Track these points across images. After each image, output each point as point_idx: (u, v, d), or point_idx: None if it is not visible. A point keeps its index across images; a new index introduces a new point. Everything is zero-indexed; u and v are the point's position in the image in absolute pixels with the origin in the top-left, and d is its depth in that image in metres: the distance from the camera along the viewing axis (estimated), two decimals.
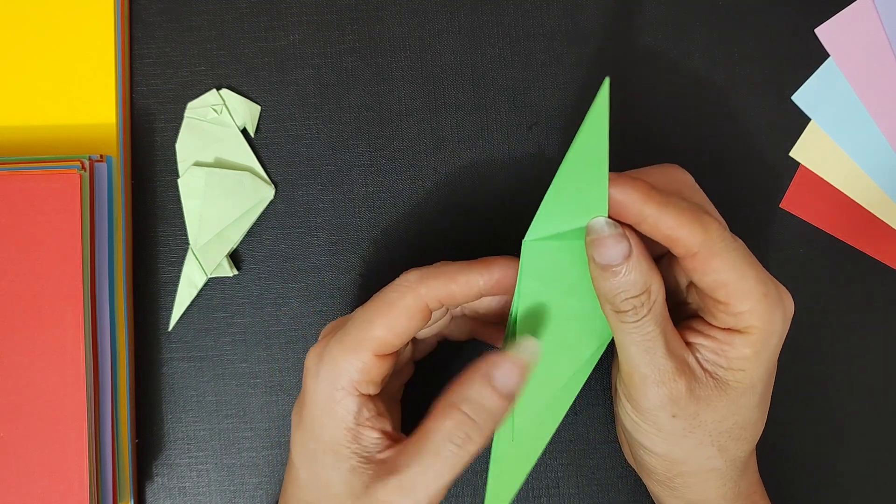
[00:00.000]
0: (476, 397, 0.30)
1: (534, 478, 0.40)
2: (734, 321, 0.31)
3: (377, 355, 0.31)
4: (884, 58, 0.41)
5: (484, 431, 0.30)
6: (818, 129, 0.41)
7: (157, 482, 0.40)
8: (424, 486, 0.30)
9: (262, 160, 0.41)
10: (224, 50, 0.41)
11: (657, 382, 0.31)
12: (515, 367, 0.30)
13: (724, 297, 0.30)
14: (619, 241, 0.30)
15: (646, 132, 0.41)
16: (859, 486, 0.40)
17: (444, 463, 0.29)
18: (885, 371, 0.40)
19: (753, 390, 0.32)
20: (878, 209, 0.41)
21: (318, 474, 0.32)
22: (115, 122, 0.40)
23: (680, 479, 0.33)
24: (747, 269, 0.30)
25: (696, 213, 0.30)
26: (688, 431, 0.31)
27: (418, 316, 0.31)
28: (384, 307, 0.31)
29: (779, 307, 0.31)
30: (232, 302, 0.41)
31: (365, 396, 0.31)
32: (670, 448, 0.32)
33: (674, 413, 0.31)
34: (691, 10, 0.41)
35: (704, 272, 0.30)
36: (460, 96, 0.41)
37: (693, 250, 0.30)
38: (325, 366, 0.31)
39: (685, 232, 0.30)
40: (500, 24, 0.41)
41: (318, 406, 0.31)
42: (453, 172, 0.41)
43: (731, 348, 0.31)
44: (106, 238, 0.38)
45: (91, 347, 0.37)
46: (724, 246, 0.30)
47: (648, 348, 0.30)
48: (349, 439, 0.31)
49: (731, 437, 0.32)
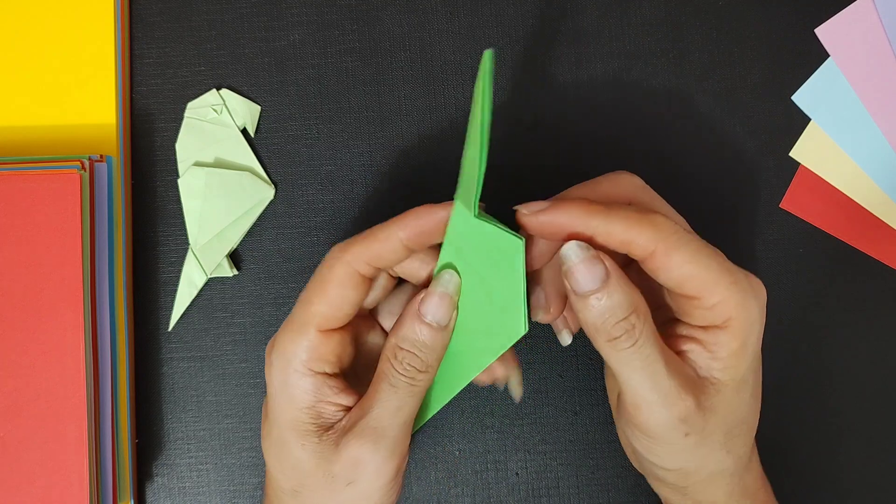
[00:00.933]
0: (411, 334, 0.31)
1: (534, 478, 0.40)
2: (711, 316, 0.30)
3: (321, 331, 0.32)
4: (884, 58, 0.41)
5: (428, 361, 0.31)
6: (818, 129, 0.41)
7: (157, 482, 0.40)
8: (388, 420, 0.31)
9: (262, 160, 0.41)
10: (224, 50, 0.41)
11: (665, 406, 0.30)
12: (439, 298, 0.31)
13: (693, 290, 0.30)
14: (595, 264, 0.30)
15: (645, 132, 0.41)
16: (859, 486, 0.40)
17: (400, 394, 0.31)
18: (885, 371, 0.40)
19: (746, 384, 0.31)
20: (878, 209, 0.41)
21: (288, 459, 0.32)
22: (115, 122, 0.40)
23: (693, 487, 0.33)
24: (709, 259, 0.30)
25: (643, 213, 0.30)
26: (700, 444, 0.31)
27: (350, 283, 0.32)
28: (317, 284, 0.32)
29: (750, 294, 0.31)
30: (232, 302, 0.41)
31: (322, 375, 0.32)
32: (685, 462, 0.32)
33: (686, 432, 0.31)
34: (691, 10, 0.41)
35: (668, 268, 0.30)
36: (460, 96, 0.41)
37: (650, 248, 0.30)
38: (276, 353, 0.32)
39: (635, 233, 0.30)
40: (500, 24, 0.41)
41: (275, 392, 0.32)
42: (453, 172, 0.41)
43: (719, 346, 0.31)
44: (106, 238, 0.38)
45: (91, 347, 0.37)
46: (678, 239, 0.30)
47: (651, 373, 0.30)
48: (311, 416, 0.32)
49: (735, 435, 0.32)
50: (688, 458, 0.32)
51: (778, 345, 0.40)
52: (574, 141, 0.41)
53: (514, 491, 0.40)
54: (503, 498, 0.40)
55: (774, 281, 0.41)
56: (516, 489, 0.40)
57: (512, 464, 0.40)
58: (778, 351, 0.40)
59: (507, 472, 0.40)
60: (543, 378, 0.40)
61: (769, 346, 0.40)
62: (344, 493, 0.32)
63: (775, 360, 0.40)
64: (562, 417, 0.40)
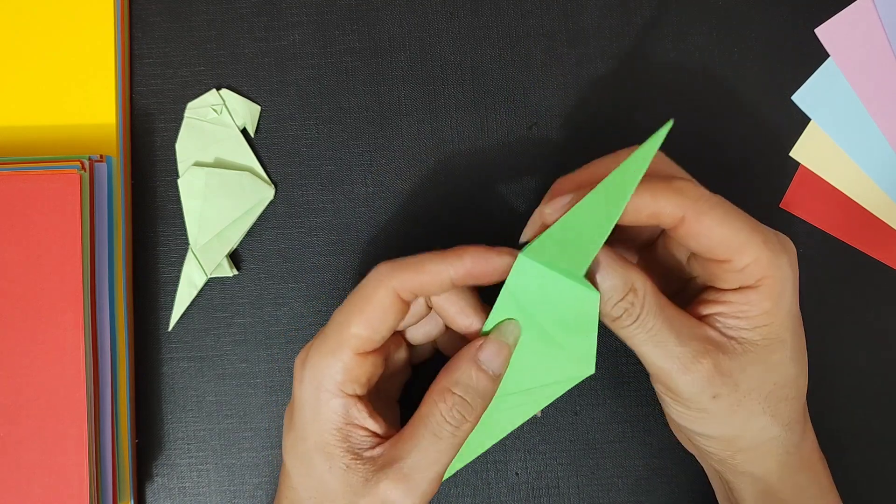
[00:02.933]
0: (465, 379, 0.31)
1: (534, 478, 0.40)
2: (743, 277, 0.30)
3: (358, 354, 0.31)
4: (884, 58, 0.41)
5: (476, 411, 0.31)
6: (818, 129, 0.41)
7: (157, 482, 0.40)
8: (424, 470, 0.30)
9: (262, 160, 0.41)
10: (224, 50, 0.41)
11: (682, 371, 0.30)
12: (499, 348, 0.31)
13: (725, 253, 0.30)
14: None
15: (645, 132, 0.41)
16: (860, 486, 0.40)
17: (442, 445, 0.31)
18: (886, 371, 0.40)
19: (783, 344, 0.31)
20: (878, 209, 0.41)
21: (312, 476, 0.32)
22: (115, 122, 0.40)
23: (741, 455, 0.32)
24: (738, 221, 0.30)
25: (668, 182, 0.30)
26: (735, 407, 0.31)
27: (392, 309, 0.31)
28: (358, 304, 0.31)
29: (782, 252, 0.31)
30: (232, 302, 0.41)
31: (353, 397, 0.31)
32: (723, 428, 0.32)
33: (714, 394, 0.31)
34: (691, 10, 0.41)
35: (698, 235, 0.30)
36: (460, 96, 0.41)
37: (678, 215, 0.30)
38: (309, 370, 0.32)
39: (663, 202, 0.30)
40: (499, 24, 0.41)
41: (305, 409, 0.32)
42: (453, 172, 0.41)
43: (751, 307, 0.31)
44: (106, 238, 0.38)
45: (91, 347, 0.37)
46: (706, 202, 0.30)
47: (658, 342, 0.31)
48: (339, 439, 0.31)
49: (777, 398, 0.32)
50: (726, 423, 0.32)
51: None
52: (574, 141, 0.41)
53: (514, 491, 0.40)
54: (503, 498, 0.40)
55: None
56: (516, 489, 0.40)
57: (512, 464, 0.40)
58: None
59: (507, 472, 0.40)
60: None
61: None
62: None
63: None
64: (562, 417, 0.40)
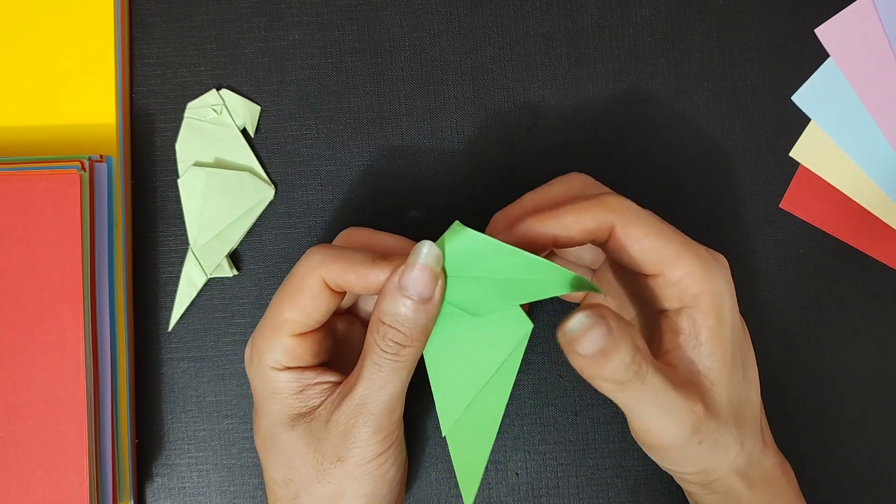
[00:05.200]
0: (392, 308, 0.30)
1: (534, 478, 0.40)
2: (679, 293, 0.30)
3: (294, 336, 0.32)
4: (884, 58, 0.41)
5: (411, 336, 0.31)
6: (818, 129, 0.41)
7: (157, 482, 0.40)
8: (375, 397, 0.31)
9: (262, 160, 0.41)
10: (224, 50, 0.41)
11: (677, 423, 0.30)
12: (419, 270, 0.30)
13: (655, 266, 0.30)
14: (598, 326, 0.29)
15: (645, 132, 0.41)
16: (860, 486, 0.40)
17: (384, 372, 0.31)
18: (886, 371, 0.40)
19: (735, 362, 0.31)
20: (878, 209, 0.41)
21: (278, 447, 0.32)
22: (115, 122, 0.40)
23: (717, 483, 0.33)
24: (668, 233, 0.30)
25: (593, 199, 0.31)
26: (714, 445, 0.31)
27: (323, 296, 0.32)
28: (290, 290, 0.32)
29: (714, 265, 0.31)
30: (232, 302, 0.41)
31: (301, 368, 0.32)
32: (703, 465, 0.32)
33: (700, 440, 0.31)
34: (691, 10, 0.41)
35: (627, 245, 0.30)
36: (460, 96, 0.41)
37: (607, 228, 0.30)
38: (255, 354, 0.33)
39: (588, 216, 0.30)
40: (499, 24, 0.41)
41: (259, 389, 0.33)
42: (453, 173, 0.41)
43: (698, 328, 0.30)
44: (106, 238, 0.38)
45: (91, 347, 0.37)
46: (632, 213, 0.30)
47: (661, 399, 0.30)
48: (300, 401, 0.32)
49: (743, 425, 0.32)
50: (705, 461, 0.32)
51: (778, 345, 0.40)
52: (574, 141, 0.41)
53: (514, 491, 0.40)
54: (503, 498, 0.40)
55: (774, 281, 0.41)
56: (516, 489, 0.40)
57: (512, 464, 0.40)
58: (778, 351, 0.40)
59: (507, 472, 0.40)
60: (543, 378, 0.40)
61: (769, 345, 0.40)
62: (333, 471, 0.32)
63: (775, 360, 0.40)
64: (562, 417, 0.40)
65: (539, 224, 0.31)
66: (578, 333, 0.29)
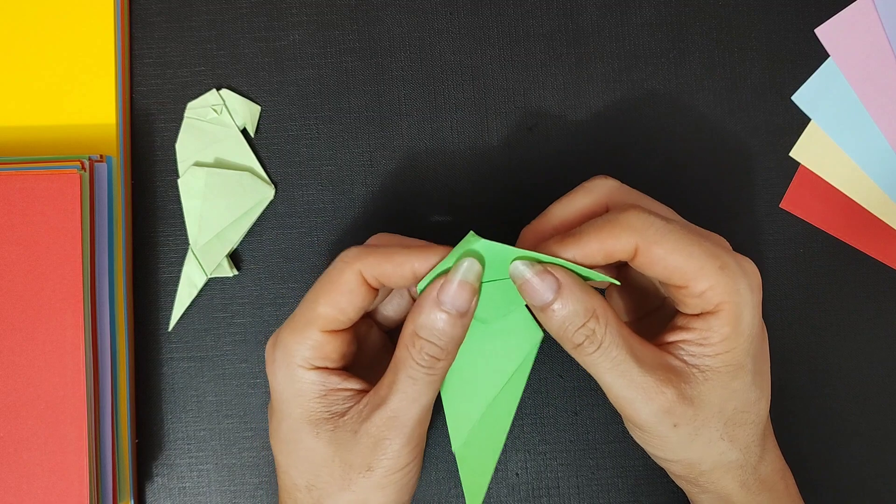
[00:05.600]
0: (429, 322, 0.31)
1: (534, 478, 0.40)
2: (702, 303, 0.31)
3: (325, 332, 0.32)
4: (884, 58, 0.41)
5: (446, 350, 0.31)
6: (818, 129, 0.41)
7: (157, 482, 0.40)
8: (407, 410, 0.31)
9: (262, 160, 0.41)
10: (224, 50, 0.41)
11: (645, 401, 0.31)
12: (459, 286, 0.31)
13: (681, 280, 0.31)
14: (544, 277, 0.30)
15: (645, 132, 0.41)
16: (859, 485, 0.40)
17: (419, 385, 0.31)
18: (886, 371, 0.40)
19: (743, 369, 0.31)
20: (878, 209, 0.41)
21: (300, 452, 0.32)
22: (115, 122, 0.40)
23: (703, 478, 0.33)
24: (692, 247, 0.30)
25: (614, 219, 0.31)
26: (694, 434, 0.31)
27: (359, 291, 0.32)
28: (326, 285, 0.32)
29: (741, 277, 0.31)
30: (232, 302, 0.41)
31: (326, 369, 0.32)
32: (684, 454, 0.32)
33: (674, 423, 0.31)
34: (691, 10, 0.41)
35: (652, 263, 0.31)
36: (460, 96, 0.41)
37: (631, 249, 0.30)
38: (280, 349, 0.32)
39: (612, 242, 0.30)
40: (500, 24, 0.41)
41: (282, 388, 0.32)
42: (453, 173, 0.41)
43: (712, 332, 0.31)
44: (106, 238, 0.38)
45: (91, 347, 0.37)
46: (656, 232, 0.30)
47: (622, 372, 0.31)
48: (322, 406, 0.32)
49: (736, 424, 0.32)
50: (686, 449, 0.32)
51: (778, 345, 0.40)
52: (574, 141, 0.41)
53: (514, 491, 0.40)
54: (503, 498, 0.40)
55: (774, 281, 0.41)
56: (516, 489, 0.40)
57: (512, 464, 0.40)
58: (778, 351, 0.40)
59: (507, 472, 0.40)
60: (543, 378, 0.40)
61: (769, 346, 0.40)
62: (360, 482, 0.32)
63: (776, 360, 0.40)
64: (562, 417, 0.40)
65: (563, 250, 0.31)
66: (525, 278, 0.30)
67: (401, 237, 0.35)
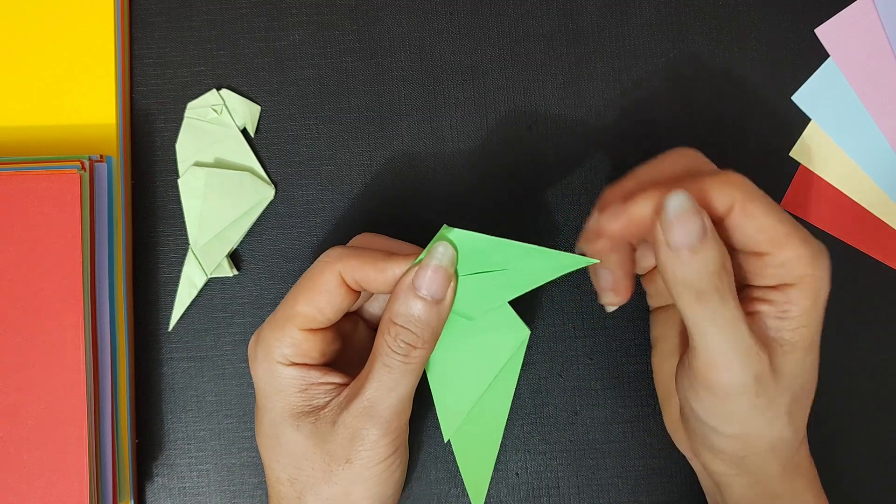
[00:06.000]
0: (404, 309, 0.31)
1: (534, 478, 0.40)
2: (784, 273, 0.30)
3: (304, 330, 0.32)
4: (884, 58, 0.41)
5: (423, 337, 0.31)
6: (818, 129, 0.41)
7: (157, 482, 0.40)
8: (384, 399, 0.31)
9: (262, 160, 0.41)
10: (224, 50, 0.41)
11: (744, 364, 0.30)
12: (433, 271, 0.30)
13: (768, 244, 0.30)
14: (694, 218, 0.29)
15: (645, 132, 0.41)
16: (859, 485, 0.40)
17: (395, 374, 0.31)
18: (885, 371, 0.40)
19: (815, 346, 0.31)
20: (878, 209, 0.41)
21: (282, 446, 0.32)
22: (115, 122, 0.40)
23: (752, 457, 0.32)
24: (784, 215, 0.30)
25: (716, 175, 0.30)
26: (766, 407, 0.31)
27: (337, 292, 0.32)
28: (306, 284, 0.32)
29: (822, 253, 0.31)
30: (232, 302, 0.41)
31: (307, 365, 0.32)
32: (747, 427, 0.31)
33: (757, 392, 0.30)
34: (691, 10, 0.41)
35: (744, 224, 0.30)
36: (460, 96, 0.41)
37: (727, 203, 0.30)
38: (261, 347, 0.32)
39: (715, 192, 0.30)
40: (499, 24, 0.41)
41: (264, 384, 0.33)
42: (452, 172, 0.41)
43: (792, 305, 0.30)
44: (106, 238, 0.38)
45: (91, 347, 0.37)
46: (753, 190, 0.30)
47: (734, 330, 0.29)
48: (303, 399, 0.32)
49: (798, 401, 0.31)
50: (752, 422, 0.31)
51: None
52: (573, 140, 0.41)
53: (514, 491, 0.40)
54: (503, 498, 0.40)
55: None
56: (516, 489, 0.40)
57: (512, 464, 0.40)
58: None
59: (507, 472, 0.40)
60: (543, 378, 0.40)
61: None
62: (341, 473, 0.32)
63: None
64: (562, 417, 0.40)
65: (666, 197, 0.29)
66: (674, 215, 0.29)
67: (385, 239, 0.34)
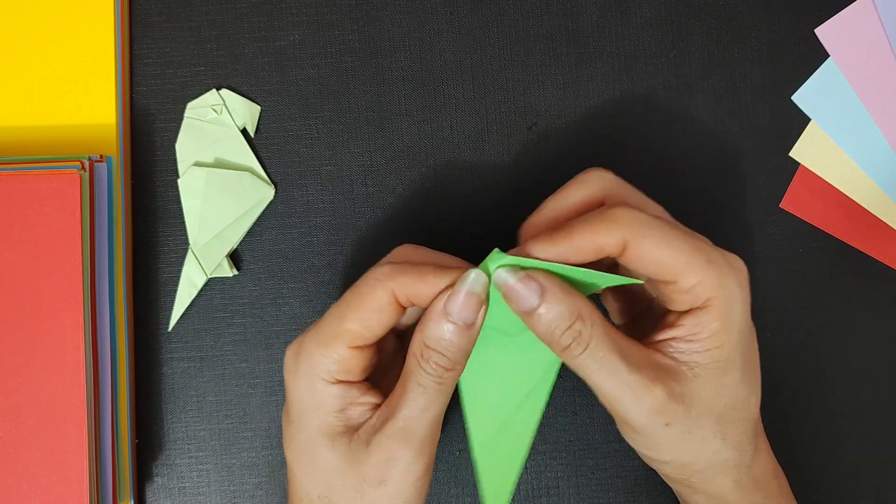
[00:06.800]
0: (437, 333, 0.31)
1: (534, 478, 0.40)
2: (691, 298, 0.31)
3: (351, 347, 0.32)
4: (884, 58, 0.41)
5: (454, 360, 0.31)
6: (818, 129, 0.41)
7: (157, 482, 0.40)
8: (418, 419, 0.31)
9: (262, 160, 0.41)
10: (224, 50, 0.41)
11: (634, 401, 0.31)
12: (465, 297, 0.31)
13: (669, 275, 0.31)
14: (527, 283, 0.30)
15: (645, 132, 0.41)
16: (859, 485, 0.40)
17: (429, 394, 0.31)
18: (885, 371, 0.40)
19: (733, 365, 0.31)
20: (878, 209, 0.41)
21: (315, 464, 0.32)
22: (115, 122, 0.40)
23: (696, 478, 0.33)
24: (680, 242, 0.30)
25: (604, 214, 0.31)
26: (686, 433, 0.31)
27: (388, 310, 0.32)
28: (355, 301, 0.32)
29: (729, 272, 0.31)
30: (232, 302, 0.41)
31: (348, 383, 0.32)
32: (677, 454, 0.32)
33: (666, 422, 0.31)
34: (691, 10, 0.41)
35: (640, 258, 0.31)
36: (460, 96, 0.41)
37: (620, 244, 0.30)
38: (304, 360, 0.32)
39: (602, 237, 0.30)
40: (499, 24, 0.41)
41: (302, 399, 0.32)
42: (453, 172, 0.41)
43: (700, 328, 0.31)
44: (106, 238, 0.38)
45: (91, 347, 0.37)
46: (643, 226, 0.30)
47: (611, 372, 0.31)
48: (341, 420, 0.32)
49: (728, 421, 0.32)
50: (679, 449, 0.32)
51: (778, 344, 0.40)
52: (574, 140, 0.41)
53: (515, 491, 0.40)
54: None
55: (774, 280, 0.41)
56: (516, 489, 0.40)
57: None
58: (778, 351, 0.40)
59: None
60: None
61: (768, 346, 0.40)
62: (374, 493, 0.32)
63: (775, 360, 0.40)
64: (562, 417, 0.40)
65: (553, 246, 0.31)
66: (509, 285, 0.30)
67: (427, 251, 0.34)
